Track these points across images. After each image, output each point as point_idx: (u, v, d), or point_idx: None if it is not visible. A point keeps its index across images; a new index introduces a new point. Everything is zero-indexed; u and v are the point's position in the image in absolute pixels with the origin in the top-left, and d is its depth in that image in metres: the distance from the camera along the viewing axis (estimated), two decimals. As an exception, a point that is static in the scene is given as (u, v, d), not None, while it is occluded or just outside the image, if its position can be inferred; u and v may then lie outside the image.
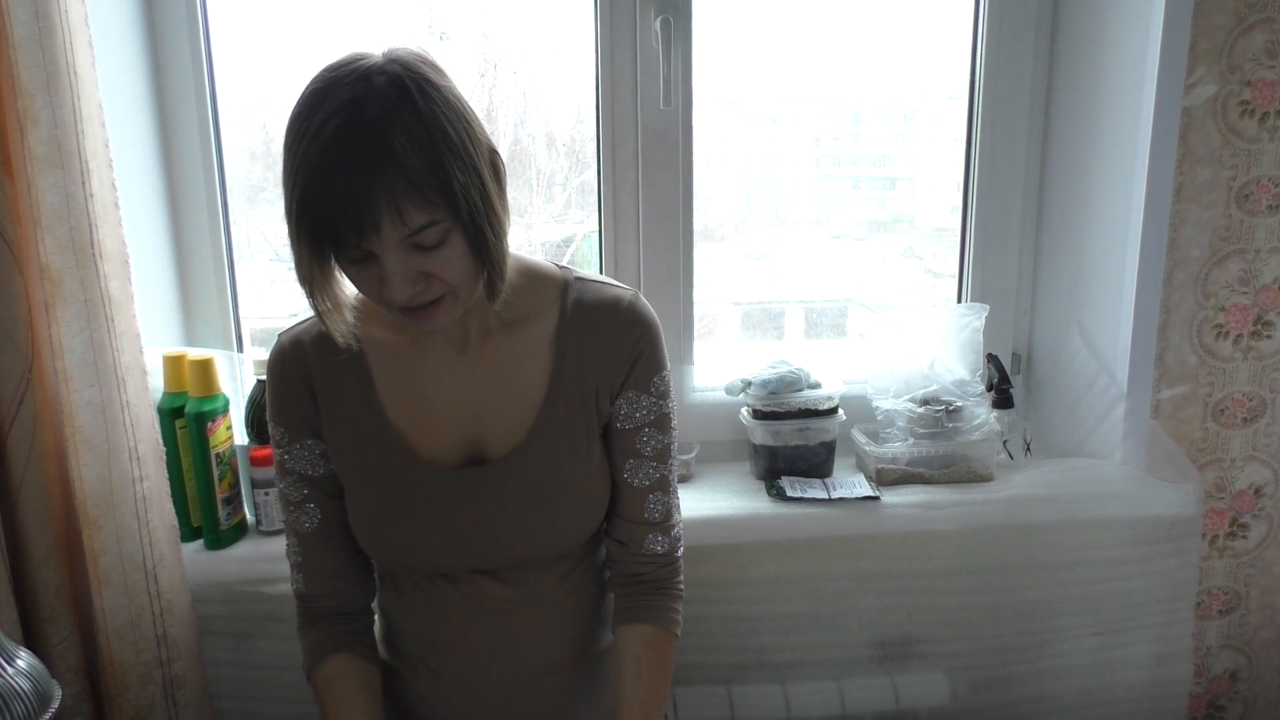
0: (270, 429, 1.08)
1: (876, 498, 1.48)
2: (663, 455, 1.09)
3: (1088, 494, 1.52)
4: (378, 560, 1.09)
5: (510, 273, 0.97)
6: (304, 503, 1.07)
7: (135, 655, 1.25)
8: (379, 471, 1.04)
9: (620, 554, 1.11)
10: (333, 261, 0.90)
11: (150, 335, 1.35)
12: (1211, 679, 1.70)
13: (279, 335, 1.08)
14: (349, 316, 0.96)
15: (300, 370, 1.05)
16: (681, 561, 1.14)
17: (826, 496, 1.48)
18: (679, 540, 1.14)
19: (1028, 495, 1.52)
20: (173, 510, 1.31)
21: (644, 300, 1.08)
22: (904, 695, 1.53)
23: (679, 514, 1.14)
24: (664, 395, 1.08)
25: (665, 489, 1.10)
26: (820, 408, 1.55)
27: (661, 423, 1.08)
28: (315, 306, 0.92)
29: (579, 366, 1.04)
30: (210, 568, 1.36)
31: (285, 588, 1.33)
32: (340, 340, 0.97)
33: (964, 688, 1.56)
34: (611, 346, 1.04)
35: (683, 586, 1.14)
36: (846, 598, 1.50)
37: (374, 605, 1.16)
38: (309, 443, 1.06)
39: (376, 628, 1.17)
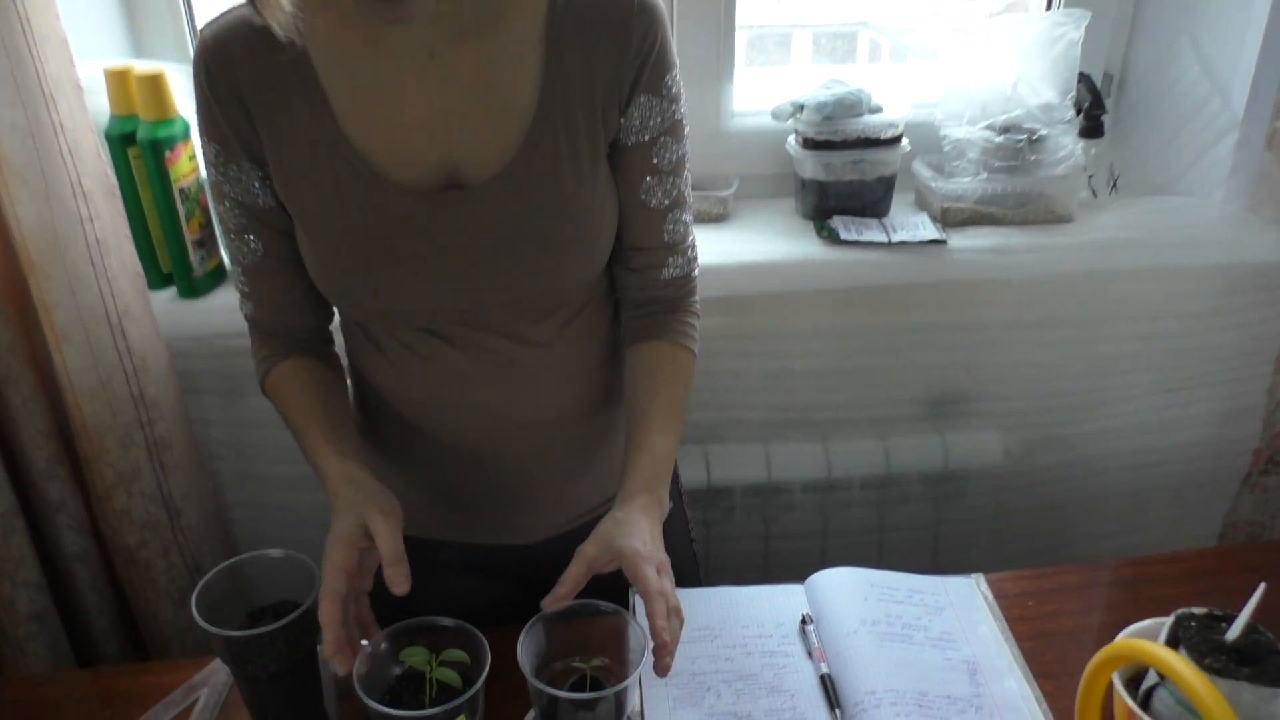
0: (201, 144, 0.89)
1: (942, 241, 1.30)
2: (679, 167, 0.93)
3: (1180, 238, 1.34)
4: (348, 312, 0.93)
5: None
6: (243, 233, 0.91)
7: (111, 418, 1.12)
8: (339, 198, 0.85)
9: (633, 281, 0.97)
10: None
11: (85, 44, 1.12)
12: (1275, 434, 1.59)
13: (200, 30, 0.86)
14: (286, 3, 0.75)
15: (227, 78, 0.84)
16: (697, 280, 1.00)
17: (885, 240, 1.30)
18: (695, 260, 0.99)
19: (1112, 239, 1.34)
20: (135, 254, 1.13)
21: None
22: (954, 454, 1.42)
23: (693, 231, 0.99)
24: (677, 99, 0.90)
25: (682, 205, 0.95)
26: (882, 136, 1.33)
27: (676, 130, 0.91)
28: None
29: (577, 69, 0.84)
30: (187, 319, 1.20)
31: (274, 342, 1.18)
32: (280, 33, 0.77)
33: (1018, 447, 1.45)
34: (616, 43, 0.84)
35: (698, 305, 1.00)
36: (901, 352, 1.36)
37: (333, 331, 1.01)
38: (245, 165, 0.87)
39: (350, 392, 1.02)
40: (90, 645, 1.21)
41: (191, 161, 1.19)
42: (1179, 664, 0.66)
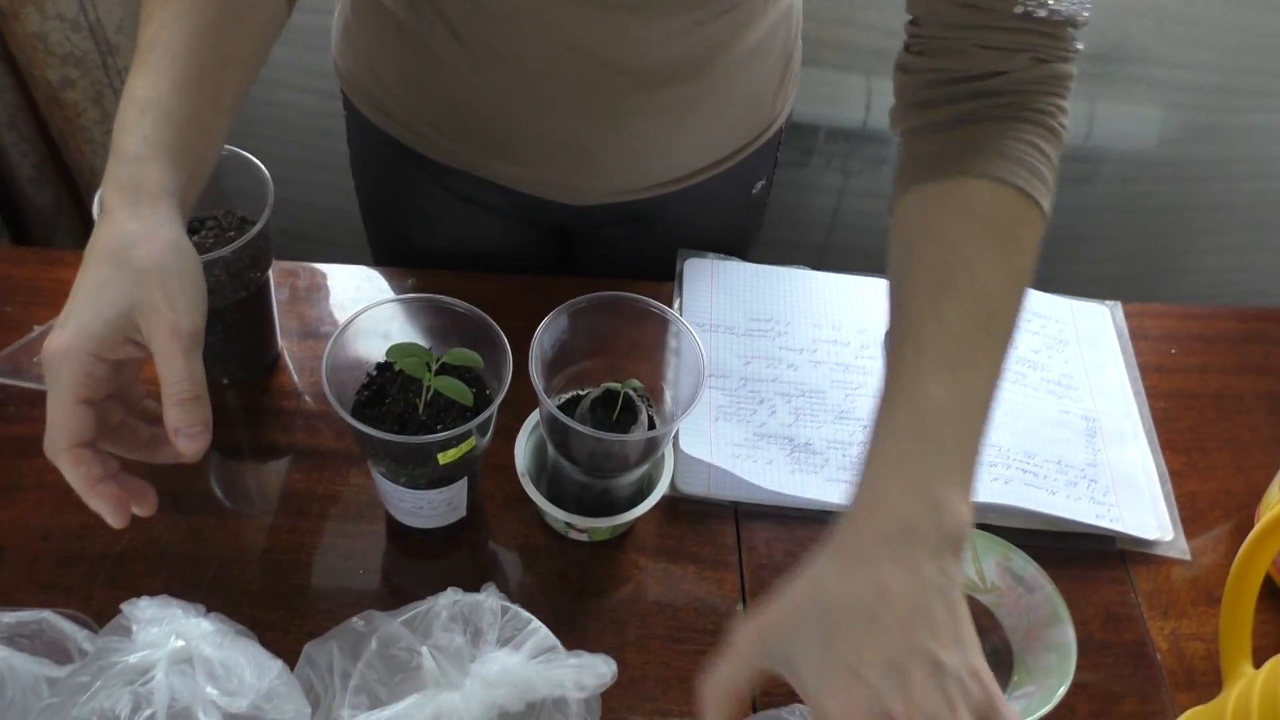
0: None
1: None
2: None
3: None
4: None
5: None
6: None
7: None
8: None
9: (965, 17, 0.52)
10: None
11: None
12: None
13: None
14: None
15: None
16: (1075, 62, 0.53)
17: None
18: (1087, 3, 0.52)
19: None
20: None
21: None
22: (1098, 129, 1.14)
23: None
24: None
25: None
26: None
27: None
28: None
29: None
30: None
31: None
32: None
33: (1177, 131, 1.17)
34: None
35: (1067, 118, 0.53)
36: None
37: None
38: None
39: None
40: (17, 195, 1.00)
41: None
42: None
